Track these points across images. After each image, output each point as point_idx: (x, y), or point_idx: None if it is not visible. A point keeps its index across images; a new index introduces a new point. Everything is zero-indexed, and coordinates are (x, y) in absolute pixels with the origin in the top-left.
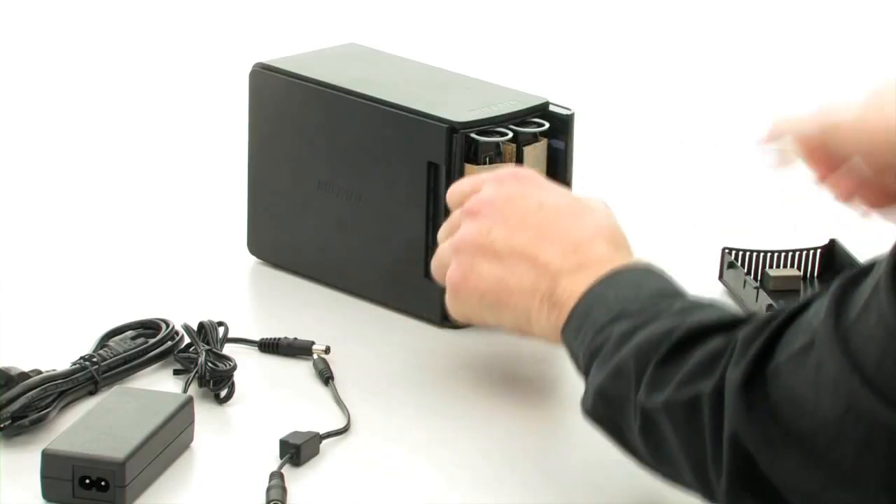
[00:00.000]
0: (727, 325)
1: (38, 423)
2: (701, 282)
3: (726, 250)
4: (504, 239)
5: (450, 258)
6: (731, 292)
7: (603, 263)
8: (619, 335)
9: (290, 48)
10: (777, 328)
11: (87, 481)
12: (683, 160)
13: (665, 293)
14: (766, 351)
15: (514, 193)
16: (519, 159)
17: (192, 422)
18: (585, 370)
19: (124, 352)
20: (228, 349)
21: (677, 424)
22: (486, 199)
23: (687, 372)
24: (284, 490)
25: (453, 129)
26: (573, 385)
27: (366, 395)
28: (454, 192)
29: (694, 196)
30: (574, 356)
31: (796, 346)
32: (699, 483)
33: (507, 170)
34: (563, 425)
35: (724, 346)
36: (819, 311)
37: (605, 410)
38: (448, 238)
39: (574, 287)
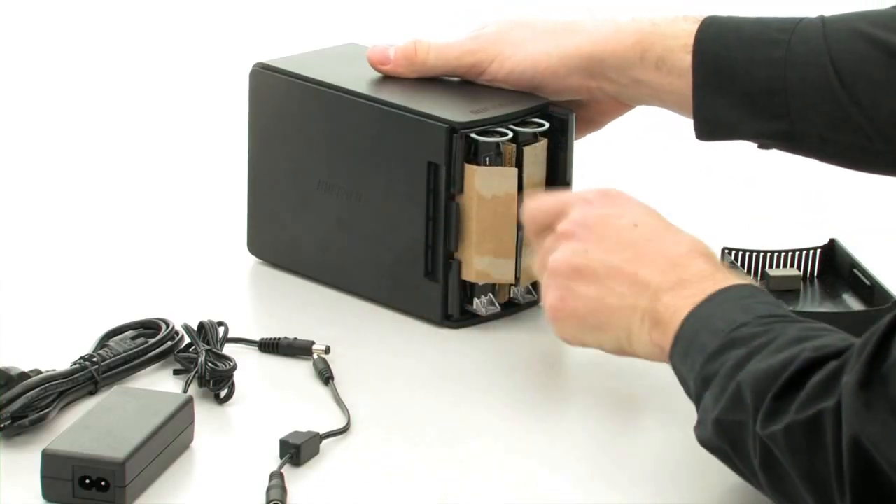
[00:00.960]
0: (844, 350)
1: (38, 423)
2: None
3: (726, 250)
4: (601, 259)
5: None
6: None
7: (704, 279)
8: (733, 363)
9: (290, 48)
10: (887, 329)
11: (87, 481)
12: (683, 160)
13: (775, 316)
14: (879, 351)
15: (606, 213)
16: (519, 159)
17: (192, 422)
18: (697, 396)
19: (124, 352)
20: (228, 349)
21: (798, 448)
22: (579, 220)
23: (806, 394)
24: (284, 490)
25: (453, 129)
26: (574, 385)
27: (366, 395)
28: (532, 209)
29: (694, 196)
30: (683, 380)
31: None
32: None
33: (595, 190)
34: (563, 424)
35: (841, 364)
36: None
37: (724, 440)
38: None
39: (677, 303)
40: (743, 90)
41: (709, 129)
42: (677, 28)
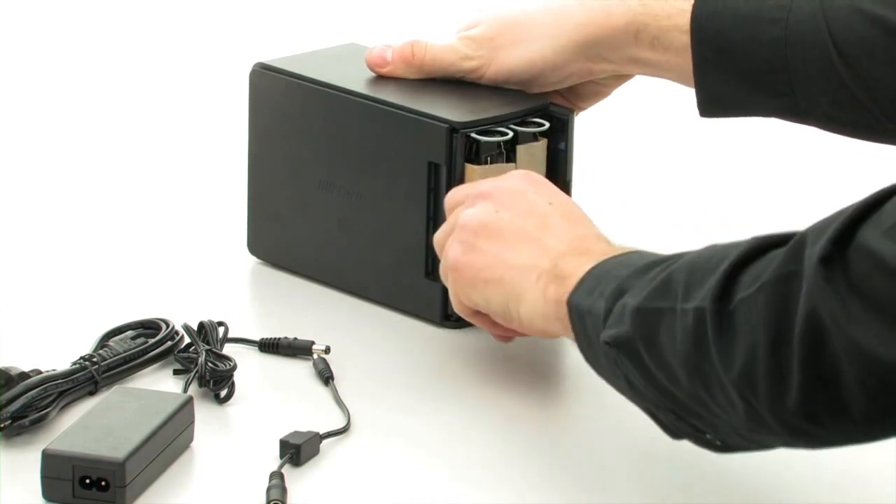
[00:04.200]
0: (790, 236)
1: (38, 423)
2: None
3: None
4: (510, 220)
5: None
6: None
7: (609, 254)
8: (660, 269)
9: (290, 48)
10: (857, 213)
11: (88, 481)
12: (683, 160)
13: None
14: (845, 233)
15: (525, 189)
16: (518, 159)
17: (192, 422)
18: (606, 312)
19: (124, 352)
20: (228, 349)
21: (762, 306)
22: (498, 185)
23: (779, 261)
24: (284, 490)
25: (453, 129)
26: (573, 384)
27: (366, 395)
28: (454, 194)
29: (694, 196)
30: (583, 314)
31: (888, 224)
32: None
33: (519, 171)
34: (563, 424)
35: (802, 239)
36: None
37: (639, 331)
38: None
39: (580, 264)
40: (744, 69)
41: (713, 106)
42: (669, 7)
